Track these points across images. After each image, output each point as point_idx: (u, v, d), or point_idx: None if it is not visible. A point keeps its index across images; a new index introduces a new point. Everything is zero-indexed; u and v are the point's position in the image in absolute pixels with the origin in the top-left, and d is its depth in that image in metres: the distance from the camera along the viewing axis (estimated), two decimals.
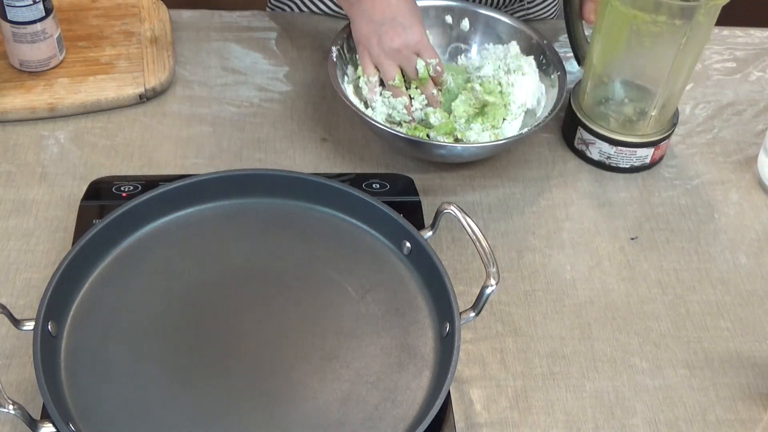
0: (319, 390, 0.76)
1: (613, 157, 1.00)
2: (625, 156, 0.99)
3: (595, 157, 1.01)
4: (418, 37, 0.96)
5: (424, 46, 0.97)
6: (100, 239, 0.82)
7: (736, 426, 0.80)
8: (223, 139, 1.01)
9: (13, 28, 1.00)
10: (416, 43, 0.96)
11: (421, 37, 0.96)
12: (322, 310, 0.81)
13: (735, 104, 1.11)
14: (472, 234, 0.80)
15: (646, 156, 0.99)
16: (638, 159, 1.00)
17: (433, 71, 0.97)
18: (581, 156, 1.02)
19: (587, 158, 1.02)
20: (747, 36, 1.20)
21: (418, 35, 0.96)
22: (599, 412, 0.80)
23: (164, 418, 0.73)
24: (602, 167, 1.01)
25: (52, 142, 0.99)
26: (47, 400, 0.69)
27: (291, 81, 1.08)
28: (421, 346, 0.79)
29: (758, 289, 0.91)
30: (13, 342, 0.80)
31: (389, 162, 1.00)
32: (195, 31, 1.13)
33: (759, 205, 0.99)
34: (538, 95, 1.01)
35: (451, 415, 0.78)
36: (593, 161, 1.01)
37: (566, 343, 0.85)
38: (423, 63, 0.97)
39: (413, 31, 0.96)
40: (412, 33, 0.96)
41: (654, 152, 0.99)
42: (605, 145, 0.99)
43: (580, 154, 1.02)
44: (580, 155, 1.02)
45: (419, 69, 0.97)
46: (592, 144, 1.00)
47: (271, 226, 0.87)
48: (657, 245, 0.94)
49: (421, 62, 0.97)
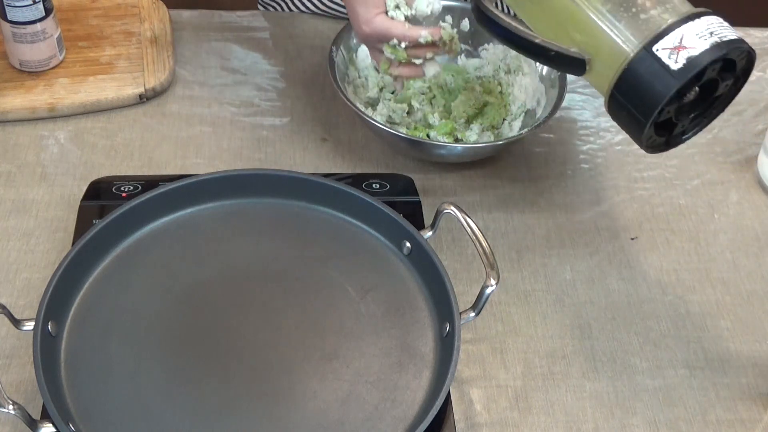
0: (319, 390, 0.76)
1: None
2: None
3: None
4: (368, 30, 0.89)
5: (378, 36, 0.89)
6: (100, 239, 0.82)
7: (736, 426, 0.80)
8: (223, 139, 1.01)
9: (13, 28, 1.00)
10: (369, 34, 0.89)
11: (371, 29, 0.88)
12: (322, 310, 0.81)
13: (735, 104, 1.10)
14: (472, 234, 0.80)
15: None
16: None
17: (402, 48, 0.89)
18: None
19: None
20: (747, 36, 1.20)
21: (367, 29, 0.89)
22: (599, 412, 0.80)
23: (164, 418, 0.73)
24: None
25: (52, 142, 0.99)
26: (47, 400, 0.69)
27: (291, 81, 1.08)
28: (421, 346, 0.79)
29: (758, 289, 0.91)
30: (13, 342, 0.80)
31: (389, 162, 1.00)
32: (195, 31, 1.13)
33: (759, 205, 0.99)
34: (538, 95, 1.01)
35: (451, 415, 0.78)
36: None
37: (566, 343, 0.85)
38: (389, 48, 0.90)
39: (366, 23, 0.88)
40: (364, 26, 0.89)
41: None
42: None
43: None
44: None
45: (387, 54, 0.90)
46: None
47: (271, 226, 0.87)
48: (657, 245, 0.94)
49: (387, 48, 0.90)
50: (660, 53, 0.72)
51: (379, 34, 0.89)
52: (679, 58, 0.71)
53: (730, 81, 0.75)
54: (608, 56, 0.75)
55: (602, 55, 0.76)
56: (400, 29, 0.87)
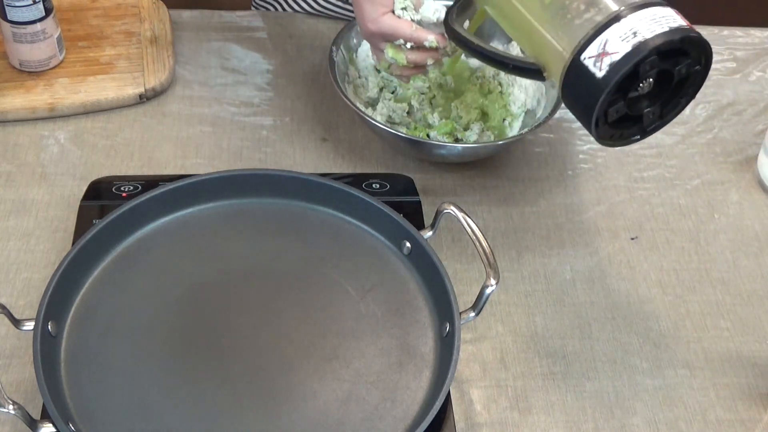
0: (319, 390, 0.76)
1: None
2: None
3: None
4: (374, 28, 0.88)
5: (384, 35, 0.89)
6: (100, 239, 0.82)
7: (736, 426, 0.80)
8: (223, 139, 1.01)
9: (13, 28, 1.00)
10: (375, 32, 0.89)
11: (377, 28, 0.89)
12: (322, 310, 0.81)
13: (735, 104, 1.11)
14: (472, 234, 0.80)
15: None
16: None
17: (408, 47, 0.89)
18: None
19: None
20: (747, 36, 1.20)
21: (374, 27, 0.88)
22: (599, 412, 0.80)
23: (164, 418, 0.73)
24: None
25: (52, 142, 0.99)
26: (47, 400, 0.69)
27: (291, 81, 1.08)
28: (421, 346, 0.79)
29: (758, 289, 0.91)
30: (13, 342, 0.80)
31: (389, 162, 1.00)
32: (195, 31, 1.13)
33: (759, 205, 0.99)
34: (538, 95, 1.01)
35: (451, 415, 0.78)
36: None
37: (566, 343, 0.85)
38: (391, 50, 0.90)
39: (372, 21, 0.88)
40: (370, 24, 0.88)
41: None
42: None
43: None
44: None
45: (388, 56, 0.90)
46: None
47: (271, 226, 0.87)
48: (657, 245, 0.94)
49: (389, 49, 0.90)
50: (587, 62, 0.72)
51: (386, 33, 0.88)
52: (603, 65, 0.71)
53: (686, 65, 0.73)
54: (553, 64, 0.76)
55: (549, 63, 0.77)
56: (408, 30, 0.87)
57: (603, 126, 0.74)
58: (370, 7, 0.88)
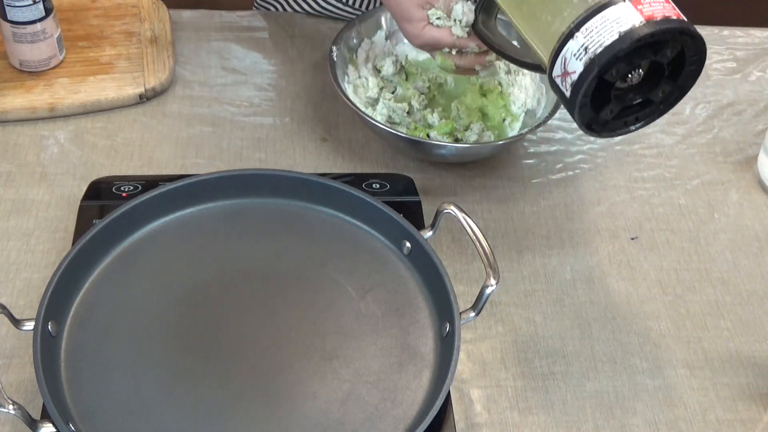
0: (319, 390, 0.76)
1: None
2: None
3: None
4: (419, 43, 0.91)
5: (431, 46, 0.92)
6: (100, 239, 0.82)
7: (736, 426, 0.80)
8: (223, 139, 1.01)
9: (13, 28, 1.00)
10: (422, 46, 0.92)
11: (422, 42, 0.91)
12: (322, 310, 0.81)
13: (735, 104, 1.11)
14: (472, 234, 0.80)
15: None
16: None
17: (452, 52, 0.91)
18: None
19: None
20: (747, 36, 1.20)
21: (419, 42, 0.91)
22: (599, 412, 0.80)
23: (164, 418, 0.73)
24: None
25: (52, 142, 0.99)
26: (47, 400, 0.69)
27: (291, 81, 1.08)
28: (421, 346, 0.79)
29: (758, 289, 0.91)
30: (13, 342, 0.80)
31: (389, 162, 1.00)
32: (195, 31, 1.13)
33: (759, 205, 0.99)
34: (538, 95, 1.01)
35: (451, 415, 0.78)
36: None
37: (566, 343, 0.85)
38: (440, 57, 0.92)
39: (416, 38, 0.91)
40: (415, 40, 0.92)
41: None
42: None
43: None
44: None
45: (437, 62, 0.93)
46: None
47: (271, 226, 0.87)
48: (657, 245, 0.94)
49: (438, 57, 0.92)
50: (557, 80, 0.73)
51: (431, 45, 0.91)
52: (567, 85, 0.72)
53: (670, 57, 0.72)
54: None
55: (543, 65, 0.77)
56: (449, 39, 0.89)
57: (602, 126, 0.74)
58: (409, 26, 0.90)
